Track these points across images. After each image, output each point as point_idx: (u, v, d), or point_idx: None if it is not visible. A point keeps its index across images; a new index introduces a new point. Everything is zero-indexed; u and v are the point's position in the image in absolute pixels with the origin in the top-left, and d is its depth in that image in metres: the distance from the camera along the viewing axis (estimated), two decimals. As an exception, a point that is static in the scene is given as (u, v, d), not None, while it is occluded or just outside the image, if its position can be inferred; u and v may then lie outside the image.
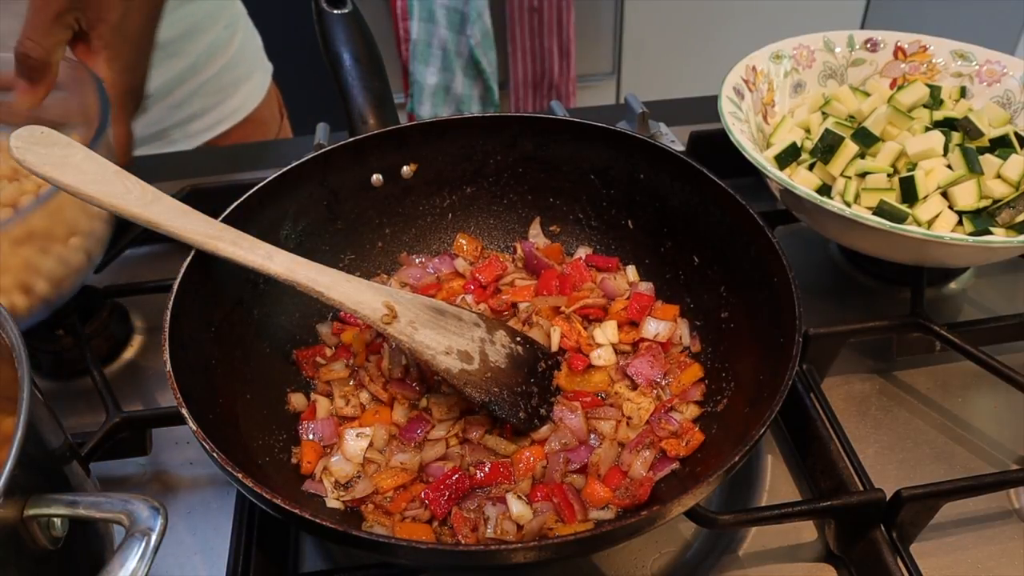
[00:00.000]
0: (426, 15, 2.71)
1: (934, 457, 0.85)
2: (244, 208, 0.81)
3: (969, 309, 1.01)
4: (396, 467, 0.77)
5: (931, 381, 0.93)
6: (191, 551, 0.80)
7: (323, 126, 1.17)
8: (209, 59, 1.39)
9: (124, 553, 0.51)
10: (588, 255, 0.96)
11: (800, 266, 0.89)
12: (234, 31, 1.44)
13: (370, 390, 0.83)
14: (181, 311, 0.72)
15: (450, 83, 2.84)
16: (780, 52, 1.06)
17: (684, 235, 0.89)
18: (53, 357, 0.95)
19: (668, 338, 0.86)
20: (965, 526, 0.79)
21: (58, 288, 0.84)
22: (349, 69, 0.98)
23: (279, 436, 0.80)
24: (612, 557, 0.77)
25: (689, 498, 0.61)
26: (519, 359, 0.82)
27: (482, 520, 0.73)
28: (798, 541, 0.79)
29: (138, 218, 0.72)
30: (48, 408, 0.63)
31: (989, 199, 0.90)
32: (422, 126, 0.92)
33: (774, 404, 0.65)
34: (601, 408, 0.81)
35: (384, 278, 0.96)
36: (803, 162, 0.98)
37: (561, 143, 0.93)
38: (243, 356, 0.80)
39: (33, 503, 0.53)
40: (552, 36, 2.88)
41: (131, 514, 0.53)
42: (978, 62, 1.05)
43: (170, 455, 0.88)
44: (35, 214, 0.78)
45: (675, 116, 1.24)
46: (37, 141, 0.70)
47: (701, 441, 0.77)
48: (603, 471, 0.76)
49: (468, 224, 0.99)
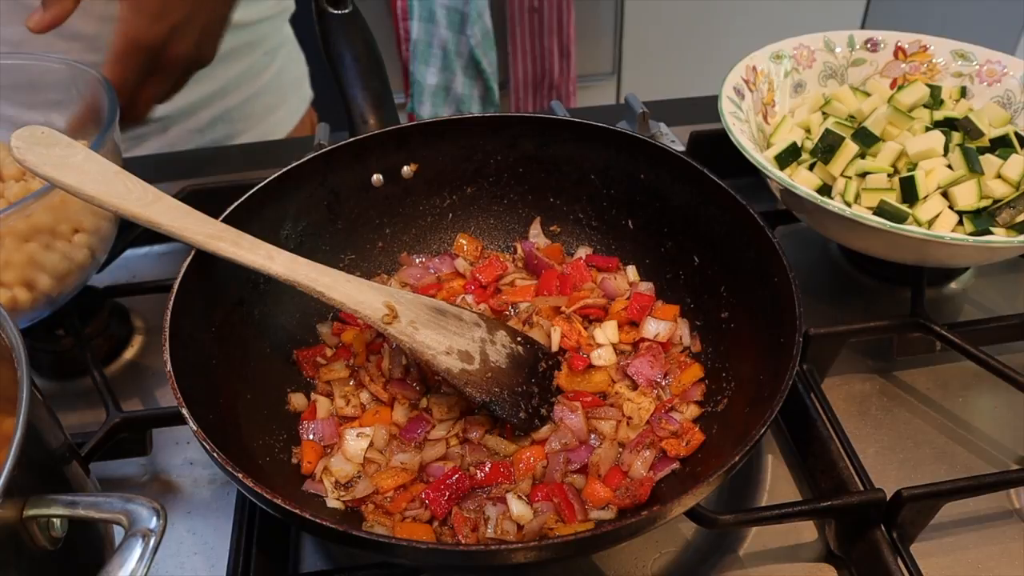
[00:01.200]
0: (426, 15, 2.70)
1: (934, 457, 0.85)
2: (244, 208, 0.81)
3: (969, 309, 1.01)
4: (396, 467, 0.77)
5: (931, 381, 0.92)
6: (191, 551, 0.80)
7: (323, 126, 1.17)
8: (239, 85, 1.32)
9: (124, 554, 0.51)
10: (588, 255, 0.96)
11: (800, 266, 0.89)
12: (273, 58, 1.36)
13: (370, 390, 0.83)
14: (181, 311, 0.72)
15: (450, 83, 2.83)
16: (780, 52, 1.06)
17: (684, 235, 0.89)
18: (53, 357, 0.95)
19: (668, 338, 0.86)
20: (965, 526, 0.79)
21: (61, 284, 0.84)
22: (349, 69, 0.98)
23: (279, 436, 0.80)
24: (612, 557, 0.77)
25: (689, 498, 0.61)
26: (519, 359, 0.82)
27: (482, 520, 0.73)
28: (798, 541, 0.79)
29: (138, 218, 0.72)
30: (48, 408, 0.63)
31: (989, 199, 0.90)
32: (422, 126, 0.92)
33: (774, 404, 0.65)
34: (601, 408, 0.81)
35: (384, 278, 0.96)
36: (803, 162, 0.98)
37: (561, 143, 0.93)
38: (243, 356, 0.80)
39: (32, 504, 0.53)
40: (552, 36, 2.88)
41: (131, 514, 0.53)
42: (978, 62, 1.05)
43: (170, 455, 0.88)
44: (38, 209, 0.78)
45: (675, 116, 1.24)
46: (38, 141, 0.70)
47: (701, 441, 0.77)
48: (603, 471, 0.76)
49: (468, 224, 0.99)
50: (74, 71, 0.94)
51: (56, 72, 0.96)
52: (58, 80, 0.96)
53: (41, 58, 0.97)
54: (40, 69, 0.97)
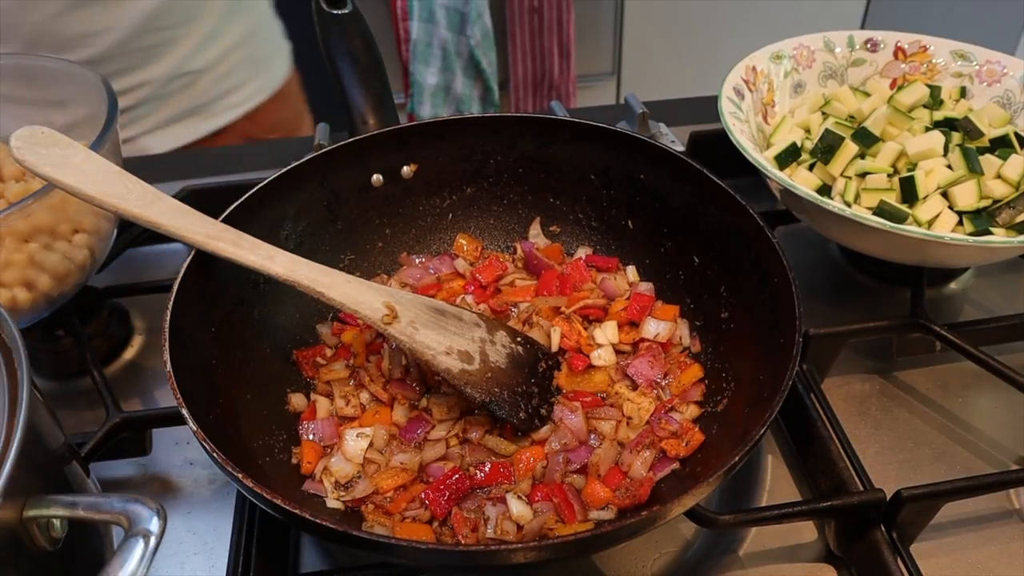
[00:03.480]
0: (426, 15, 2.70)
1: (934, 457, 0.85)
2: (244, 208, 0.81)
3: (969, 309, 1.01)
4: (396, 467, 0.77)
5: (931, 381, 0.93)
6: (191, 551, 0.80)
7: (323, 126, 1.17)
8: (249, 35, 1.45)
9: (124, 555, 0.51)
10: (588, 255, 0.96)
11: (800, 266, 0.88)
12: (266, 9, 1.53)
13: (370, 390, 0.83)
14: (181, 311, 0.72)
15: (450, 83, 2.83)
16: (780, 52, 1.06)
17: (684, 235, 0.89)
18: (53, 357, 0.95)
19: (668, 338, 0.86)
20: (965, 526, 0.79)
21: (61, 284, 0.84)
22: (349, 69, 0.98)
23: (279, 436, 0.80)
24: (612, 557, 0.77)
25: (689, 498, 0.61)
26: (519, 359, 0.82)
27: (482, 520, 0.73)
28: (798, 541, 0.79)
29: (138, 218, 0.72)
30: (48, 408, 0.63)
31: (989, 199, 0.90)
32: (422, 126, 0.92)
33: (774, 404, 0.65)
34: (601, 408, 0.81)
35: (384, 278, 0.96)
36: (803, 162, 0.98)
37: (561, 143, 0.93)
38: (243, 356, 0.80)
39: (32, 504, 0.53)
40: (552, 36, 2.88)
41: (131, 515, 0.53)
42: (978, 62, 1.05)
43: (170, 455, 0.88)
44: (38, 209, 0.78)
45: (675, 116, 1.24)
46: (38, 141, 0.70)
47: (701, 441, 0.77)
48: (603, 471, 0.76)
49: (468, 224, 0.99)
50: (74, 71, 0.94)
51: (56, 72, 0.96)
52: (58, 80, 0.96)
53: (41, 58, 0.97)
54: (40, 69, 0.97)
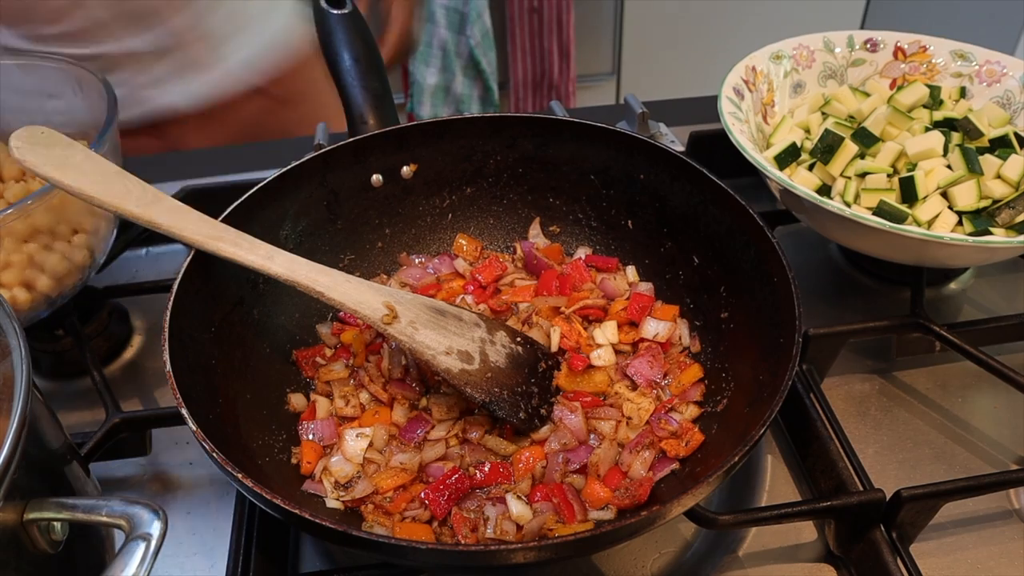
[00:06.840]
0: (426, 15, 2.71)
1: (934, 457, 0.85)
2: (244, 208, 0.81)
3: (969, 309, 1.01)
4: (396, 467, 0.77)
5: (931, 381, 0.93)
6: (191, 551, 0.80)
7: (323, 126, 1.17)
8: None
9: (124, 557, 0.51)
10: (588, 255, 0.96)
11: (800, 266, 0.89)
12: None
13: (370, 390, 0.83)
14: (181, 311, 0.72)
15: (450, 83, 2.83)
16: (780, 52, 1.06)
17: (684, 235, 0.89)
18: (53, 357, 0.95)
19: (668, 338, 0.86)
20: (965, 526, 0.79)
21: (61, 285, 0.84)
22: (349, 69, 0.98)
23: (279, 436, 0.80)
24: (612, 557, 0.77)
25: (689, 498, 0.61)
26: (519, 359, 0.82)
27: (482, 520, 0.73)
28: (798, 541, 0.79)
29: (138, 218, 0.72)
30: (48, 408, 0.63)
31: (989, 199, 0.90)
32: (422, 126, 0.92)
33: (774, 404, 0.65)
34: (601, 408, 0.81)
35: (384, 278, 0.96)
36: (803, 162, 0.98)
37: (561, 143, 0.93)
38: (243, 356, 0.80)
39: (33, 507, 0.53)
40: (552, 36, 2.88)
41: (131, 518, 0.53)
42: (978, 62, 1.05)
43: (170, 455, 0.88)
44: (38, 210, 0.78)
45: (675, 116, 1.24)
46: (38, 141, 0.70)
47: (701, 441, 0.77)
48: (603, 471, 0.76)
49: (468, 224, 0.99)
50: (74, 71, 0.94)
51: (56, 72, 0.96)
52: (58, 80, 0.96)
53: (42, 58, 0.97)
54: (40, 69, 0.97)
